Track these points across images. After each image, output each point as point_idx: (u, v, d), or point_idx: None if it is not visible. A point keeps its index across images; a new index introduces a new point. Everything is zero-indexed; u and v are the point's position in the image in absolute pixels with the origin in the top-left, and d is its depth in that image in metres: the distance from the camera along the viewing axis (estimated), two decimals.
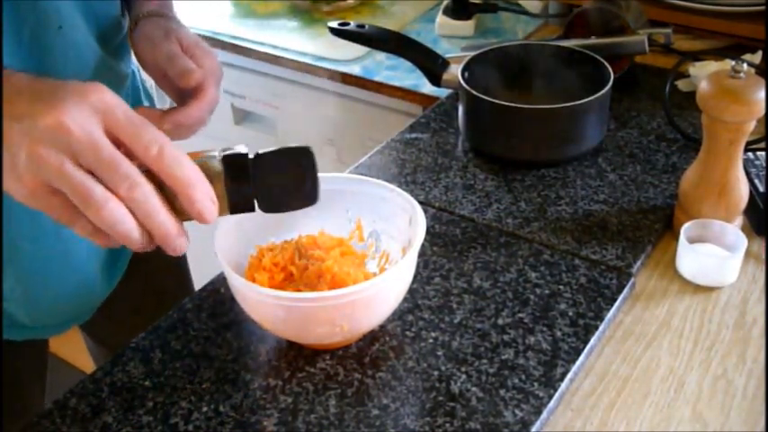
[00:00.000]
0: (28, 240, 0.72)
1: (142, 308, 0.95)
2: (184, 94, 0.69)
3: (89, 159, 0.47)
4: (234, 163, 0.53)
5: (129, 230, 0.49)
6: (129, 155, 0.49)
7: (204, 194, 0.50)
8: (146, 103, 0.88)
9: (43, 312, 0.79)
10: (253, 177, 0.53)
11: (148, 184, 0.49)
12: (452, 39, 1.29)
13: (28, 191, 0.48)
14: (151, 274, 0.95)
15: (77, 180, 0.47)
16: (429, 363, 0.65)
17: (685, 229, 0.75)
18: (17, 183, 0.48)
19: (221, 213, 0.53)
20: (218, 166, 0.53)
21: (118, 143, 0.49)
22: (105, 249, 0.81)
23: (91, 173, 0.48)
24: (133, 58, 0.78)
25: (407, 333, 0.68)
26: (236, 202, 0.54)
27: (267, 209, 0.55)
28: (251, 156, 0.54)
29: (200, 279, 0.77)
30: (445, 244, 0.78)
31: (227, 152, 0.53)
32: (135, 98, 0.85)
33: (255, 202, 0.55)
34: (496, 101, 0.87)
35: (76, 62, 0.70)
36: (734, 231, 0.74)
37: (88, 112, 0.48)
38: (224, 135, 1.46)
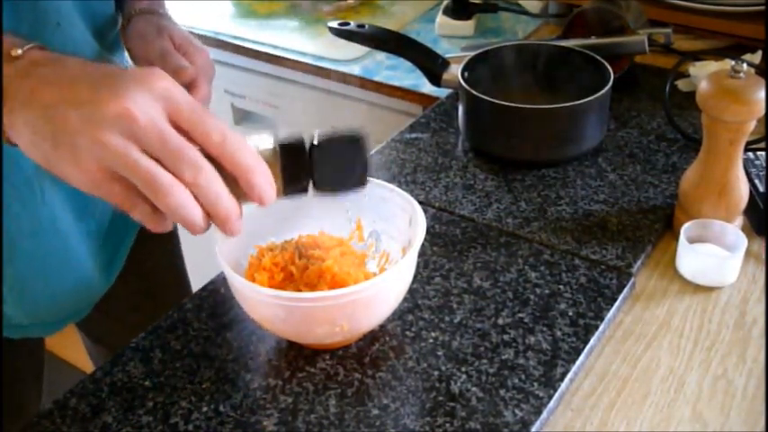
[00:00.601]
0: (25, 237, 0.72)
1: (139, 306, 0.95)
2: None
3: (155, 146, 0.48)
4: (291, 152, 0.55)
5: (193, 215, 0.50)
6: (191, 140, 0.49)
7: (264, 179, 0.52)
8: None
9: (41, 310, 0.79)
10: (309, 163, 0.55)
11: (212, 169, 0.49)
12: (452, 39, 1.29)
13: (89, 177, 0.48)
14: (148, 273, 0.95)
15: (144, 167, 0.47)
16: (429, 363, 0.65)
17: (685, 229, 0.75)
18: (76, 169, 0.48)
19: (277, 196, 0.55)
20: (270, 152, 0.54)
21: (180, 129, 0.49)
22: (103, 246, 0.81)
23: (155, 159, 0.48)
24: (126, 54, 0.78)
25: (407, 333, 0.68)
26: (291, 188, 0.55)
27: (321, 191, 0.57)
28: (306, 142, 0.55)
29: (199, 279, 0.77)
30: (445, 244, 0.78)
31: (285, 140, 0.55)
32: None
33: (310, 185, 0.56)
34: (496, 101, 0.87)
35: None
36: (734, 231, 0.74)
37: (152, 100, 0.48)
38: None
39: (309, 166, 0.55)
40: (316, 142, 0.55)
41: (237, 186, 0.52)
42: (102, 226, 0.80)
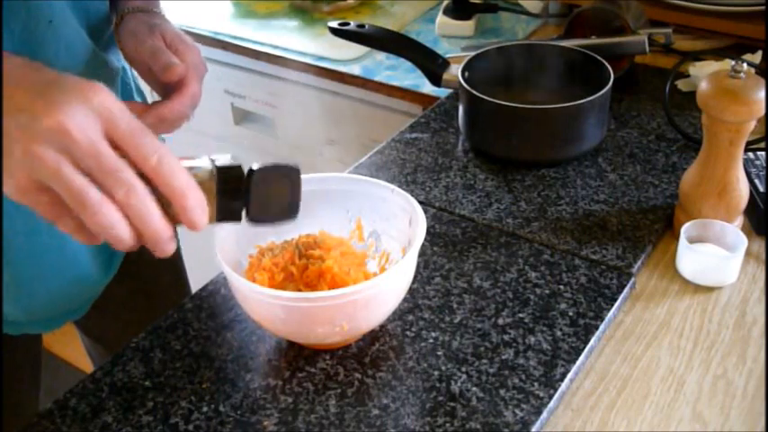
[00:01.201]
0: (22, 235, 0.72)
1: (138, 305, 0.95)
2: (168, 89, 0.70)
3: (88, 163, 0.47)
4: (228, 177, 0.54)
5: (120, 234, 0.49)
6: (126, 159, 0.49)
7: (197, 204, 0.51)
8: (137, 99, 0.88)
9: (38, 307, 0.79)
10: (245, 191, 0.55)
11: (145, 190, 0.49)
12: (452, 39, 1.29)
13: (18, 186, 0.48)
14: (146, 271, 0.95)
15: (74, 183, 0.47)
16: (429, 363, 0.65)
17: (685, 229, 0.75)
18: (7, 177, 0.48)
19: (209, 222, 0.54)
20: (207, 175, 0.53)
21: (116, 147, 0.49)
22: (101, 245, 0.81)
23: (87, 174, 0.48)
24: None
25: (407, 333, 0.68)
26: (224, 213, 0.55)
27: (252, 221, 0.56)
28: (245, 169, 0.55)
29: (199, 279, 0.77)
30: (445, 244, 0.78)
31: (222, 164, 0.54)
32: (126, 93, 0.86)
33: (243, 213, 0.56)
34: (496, 101, 0.87)
35: (68, 56, 0.70)
36: (734, 231, 0.74)
37: (90, 116, 0.47)
38: (224, 135, 1.46)
39: (245, 194, 0.55)
40: (251, 170, 0.54)
41: (171, 208, 0.51)
42: None
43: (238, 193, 0.54)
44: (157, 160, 0.49)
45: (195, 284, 0.78)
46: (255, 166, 0.55)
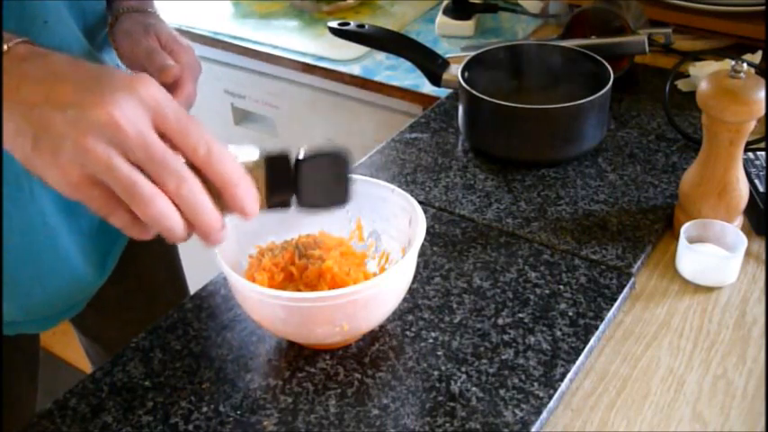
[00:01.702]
0: (16, 235, 0.72)
1: (134, 304, 0.95)
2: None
3: (139, 155, 0.47)
4: (277, 165, 0.54)
5: (173, 225, 0.49)
6: (175, 150, 0.49)
7: (248, 193, 0.51)
8: None
9: (34, 306, 0.79)
10: (293, 178, 0.55)
11: (196, 181, 0.49)
12: (452, 39, 1.29)
13: (68, 180, 0.48)
14: (143, 270, 0.95)
15: (126, 176, 0.47)
16: (429, 363, 0.65)
17: (685, 229, 0.75)
18: (58, 172, 0.48)
19: (259, 210, 0.54)
20: (254, 164, 0.54)
21: (165, 138, 0.49)
22: (95, 244, 0.81)
23: (138, 167, 0.48)
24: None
25: (407, 333, 0.68)
26: (274, 201, 0.55)
27: (304, 206, 0.57)
28: (292, 156, 0.55)
29: (198, 279, 0.77)
30: (445, 244, 0.78)
31: (270, 153, 0.54)
32: None
33: (292, 200, 0.56)
34: (496, 101, 0.87)
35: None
36: (734, 231, 0.74)
37: (139, 108, 0.47)
38: (224, 135, 1.46)
39: (294, 181, 0.55)
40: (301, 157, 0.55)
41: (221, 198, 0.51)
42: (93, 223, 0.80)
43: (288, 181, 0.55)
44: (207, 150, 0.49)
45: (194, 284, 0.78)
46: (303, 154, 0.55)
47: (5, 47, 0.50)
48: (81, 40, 0.72)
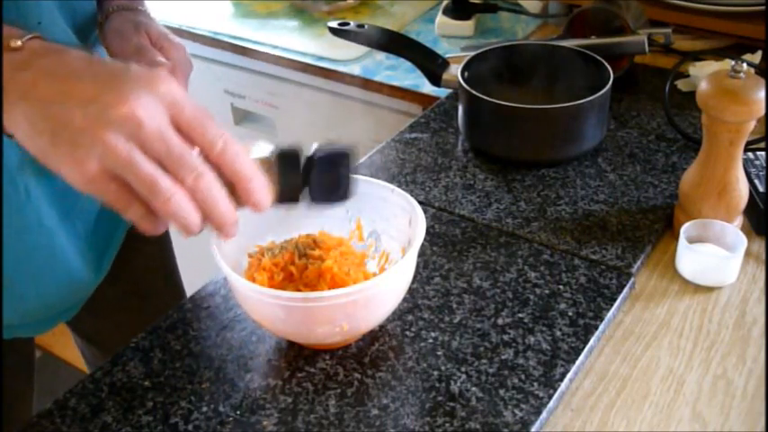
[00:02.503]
0: (11, 235, 0.71)
1: (130, 305, 0.95)
2: None
3: (158, 151, 0.48)
4: (288, 161, 0.56)
5: (191, 220, 0.50)
6: (191, 144, 0.50)
7: (261, 187, 0.53)
8: None
9: (29, 308, 0.78)
10: (305, 174, 0.57)
11: (213, 176, 0.50)
12: (452, 39, 1.29)
13: (86, 176, 0.48)
14: (138, 272, 0.95)
15: (146, 171, 0.48)
16: (429, 363, 0.65)
17: (685, 229, 0.75)
18: (76, 166, 0.48)
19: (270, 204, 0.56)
20: (267, 159, 0.56)
21: (181, 132, 0.50)
22: (91, 245, 0.81)
23: (156, 161, 0.49)
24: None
25: (407, 333, 0.68)
26: (285, 196, 0.57)
27: (314, 202, 0.59)
28: (302, 152, 0.57)
29: (198, 279, 0.77)
30: (445, 244, 0.78)
31: (282, 149, 0.56)
32: None
33: (301, 195, 0.58)
34: (496, 101, 0.87)
35: None
36: (734, 231, 0.74)
37: (158, 104, 0.48)
38: None
39: (305, 177, 0.57)
40: (313, 154, 0.57)
41: (233, 192, 0.53)
42: (88, 225, 0.80)
43: (299, 177, 0.57)
44: (223, 145, 0.50)
45: (193, 285, 0.78)
46: (314, 151, 0.57)
47: (19, 42, 0.51)
48: (73, 40, 0.72)
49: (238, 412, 0.61)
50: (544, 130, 0.89)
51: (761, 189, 0.80)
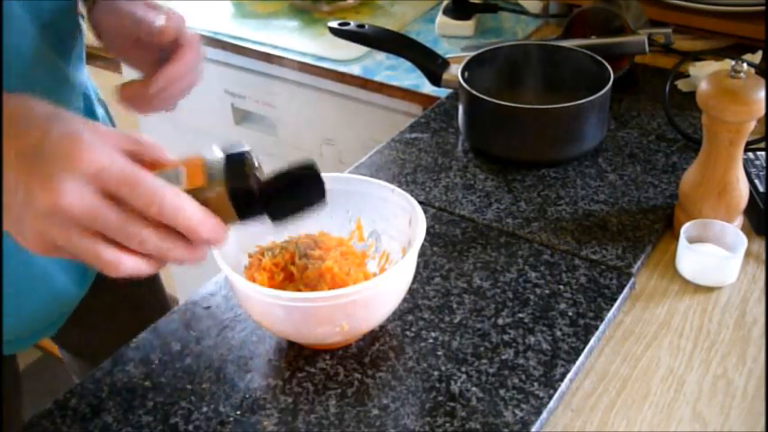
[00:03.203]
0: None
1: (116, 316, 0.92)
2: (162, 56, 0.66)
3: (96, 226, 0.49)
4: (240, 193, 0.53)
5: (149, 271, 0.52)
6: (126, 208, 0.50)
7: (211, 231, 0.52)
8: (99, 110, 0.84)
9: (13, 325, 0.76)
10: (260, 202, 0.54)
11: (155, 235, 0.50)
12: (452, 39, 1.29)
13: (35, 248, 0.50)
14: (123, 282, 0.92)
15: (86, 248, 0.49)
16: (429, 363, 0.65)
17: (685, 229, 0.75)
18: (27, 245, 0.50)
19: (231, 222, 0.54)
20: (218, 171, 0.53)
21: (115, 200, 0.49)
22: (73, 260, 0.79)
23: (99, 235, 0.49)
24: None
25: (407, 333, 0.68)
26: (245, 218, 0.55)
27: (277, 221, 0.56)
28: (253, 172, 0.54)
29: (198, 279, 0.77)
30: (445, 244, 0.78)
31: (232, 183, 0.53)
32: (88, 107, 0.82)
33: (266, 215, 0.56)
34: (496, 101, 0.87)
35: (29, 75, 0.67)
36: (734, 231, 0.74)
37: (83, 183, 0.48)
38: (224, 135, 1.46)
39: (262, 204, 0.54)
40: (266, 181, 0.54)
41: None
42: None
43: (254, 204, 0.54)
44: (158, 207, 0.49)
45: (194, 284, 0.78)
46: (265, 179, 0.54)
47: None
48: (34, 40, 0.67)
49: (238, 412, 0.61)
50: (544, 130, 0.89)
51: (761, 189, 0.80)
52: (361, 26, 1.01)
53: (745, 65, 0.71)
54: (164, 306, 1.01)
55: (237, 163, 0.53)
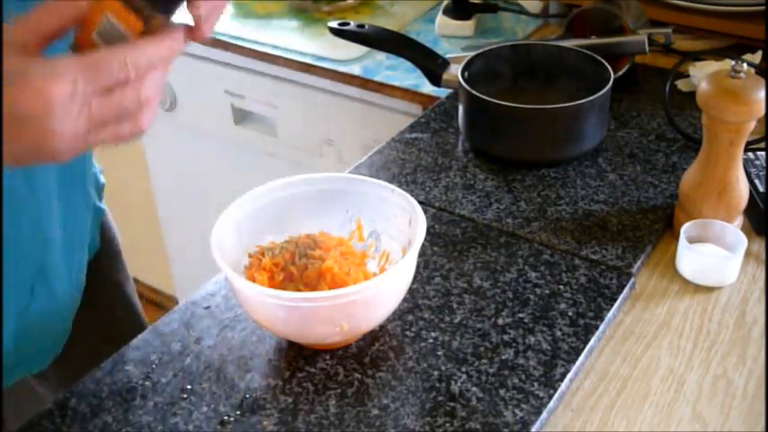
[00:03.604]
0: None
1: (89, 336, 0.87)
2: None
3: (97, 80, 0.48)
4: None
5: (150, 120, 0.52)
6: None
7: (171, 44, 0.52)
8: None
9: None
10: None
11: (133, 89, 0.50)
12: (452, 39, 1.29)
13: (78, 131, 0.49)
14: (99, 301, 0.88)
15: (110, 102, 0.49)
16: (429, 363, 0.65)
17: (685, 229, 0.75)
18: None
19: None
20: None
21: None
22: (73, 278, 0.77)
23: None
24: None
25: (407, 333, 0.68)
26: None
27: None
28: None
29: (197, 279, 0.77)
30: (445, 244, 0.78)
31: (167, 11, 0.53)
32: None
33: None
34: (496, 101, 0.87)
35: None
36: (734, 231, 0.74)
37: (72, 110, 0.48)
38: (224, 135, 1.46)
39: None
40: None
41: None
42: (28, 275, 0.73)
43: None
44: (131, 68, 0.50)
45: (192, 285, 0.78)
46: None
47: None
48: None
49: (238, 412, 0.61)
50: (544, 130, 0.89)
51: (761, 189, 0.80)
52: (361, 26, 1.01)
53: (745, 65, 0.71)
54: (138, 326, 0.96)
55: None
